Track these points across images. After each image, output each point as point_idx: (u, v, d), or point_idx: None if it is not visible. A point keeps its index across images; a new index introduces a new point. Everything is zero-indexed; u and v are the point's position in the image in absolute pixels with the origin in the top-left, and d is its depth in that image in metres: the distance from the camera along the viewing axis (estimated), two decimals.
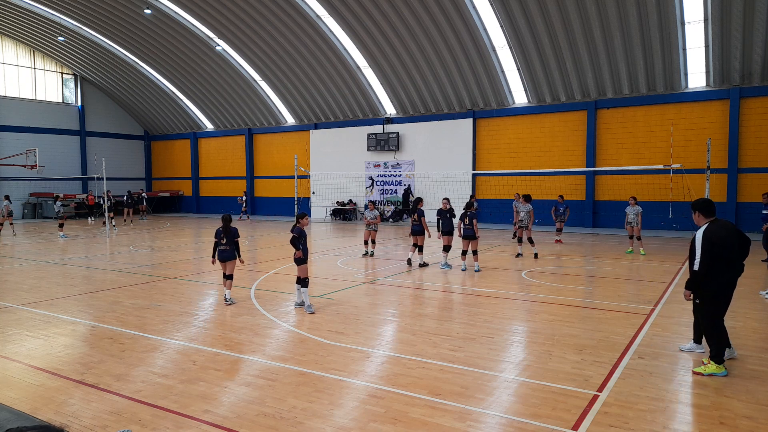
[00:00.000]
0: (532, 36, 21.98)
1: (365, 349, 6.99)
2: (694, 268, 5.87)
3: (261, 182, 34.57)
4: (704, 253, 5.80)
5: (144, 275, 12.60)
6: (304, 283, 8.99)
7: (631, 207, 15.55)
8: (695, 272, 5.86)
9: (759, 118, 20.49)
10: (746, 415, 4.98)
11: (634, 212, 15.46)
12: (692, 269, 6.03)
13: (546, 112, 24.63)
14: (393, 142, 28.29)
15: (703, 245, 5.83)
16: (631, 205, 15.58)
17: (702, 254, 5.82)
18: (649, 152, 22.40)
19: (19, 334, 7.78)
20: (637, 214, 15.42)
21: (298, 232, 9.01)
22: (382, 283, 11.56)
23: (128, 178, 38.98)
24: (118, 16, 28.17)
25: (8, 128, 32.28)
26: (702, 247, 5.83)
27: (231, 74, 31.00)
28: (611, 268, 13.36)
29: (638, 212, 15.45)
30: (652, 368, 6.17)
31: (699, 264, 5.83)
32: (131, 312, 9.04)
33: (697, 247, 5.88)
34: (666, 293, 10.24)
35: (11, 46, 32.82)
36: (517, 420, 4.89)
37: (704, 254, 5.80)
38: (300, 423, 4.86)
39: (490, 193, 25.71)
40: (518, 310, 9.17)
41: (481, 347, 7.00)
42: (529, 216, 15.13)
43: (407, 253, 15.76)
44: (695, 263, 5.86)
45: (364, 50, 25.74)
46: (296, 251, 8.98)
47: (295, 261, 9.08)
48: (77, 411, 5.14)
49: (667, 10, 19.38)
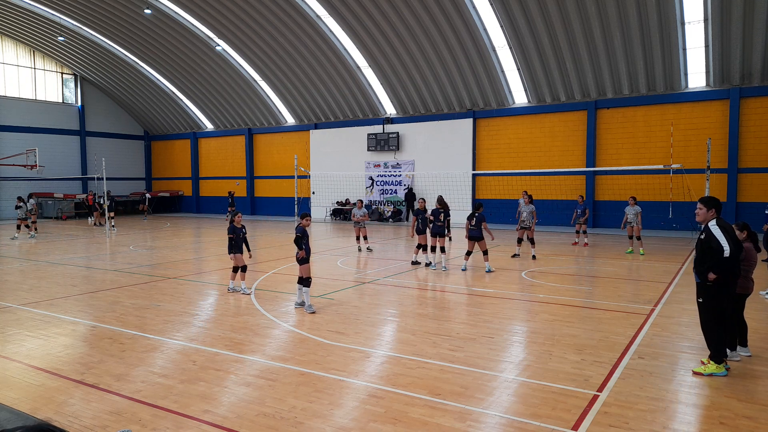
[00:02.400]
0: (532, 36, 21.98)
1: (365, 349, 6.99)
2: (725, 255, 5.83)
3: (261, 182, 34.57)
4: (727, 238, 5.84)
5: (144, 275, 12.60)
6: (306, 283, 8.95)
7: (631, 207, 15.54)
8: (726, 258, 5.84)
9: (759, 118, 20.49)
10: (746, 415, 4.98)
11: (633, 212, 15.46)
12: (703, 265, 6.01)
13: (546, 112, 24.63)
14: (393, 142, 28.29)
15: (724, 232, 5.87)
16: (631, 205, 15.57)
17: (726, 240, 5.84)
18: (649, 152, 22.40)
19: (19, 334, 7.78)
20: (637, 214, 15.42)
21: (301, 231, 9.00)
22: (382, 283, 11.56)
23: (128, 178, 39.00)
24: (118, 16, 28.17)
25: (8, 128, 32.29)
26: (723, 234, 5.86)
27: (231, 74, 31.00)
28: (611, 268, 13.36)
29: (637, 212, 15.45)
30: (652, 368, 6.17)
31: (727, 249, 5.82)
32: (131, 312, 9.04)
33: (718, 235, 5.89)
34: (666, 293, 10.24)
35: (11, 46, 32.83)
36: (517, 420, 4.89)
37: (728, 239, 5.83)
38: (300, 423, 4.86)
39: (490, 193, 25.71)
40: (518, 310, 9.17)
41: (481, 347, 7.00)
42: (531, 216, 15.12)
43: (407, 253, 15.78)
44: (724, 250, 5.83)
45: (364, 50, 25.74)
46: (299, 251, 8.98)
47: (298, 260, 9.07)
48: (77, 411, 5.14)
49: (667, 10, 19.39)
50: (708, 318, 6.04)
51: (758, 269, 11.00)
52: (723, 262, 5.86)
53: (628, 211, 15.61)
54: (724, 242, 5.85)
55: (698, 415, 5.08)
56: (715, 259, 5.87)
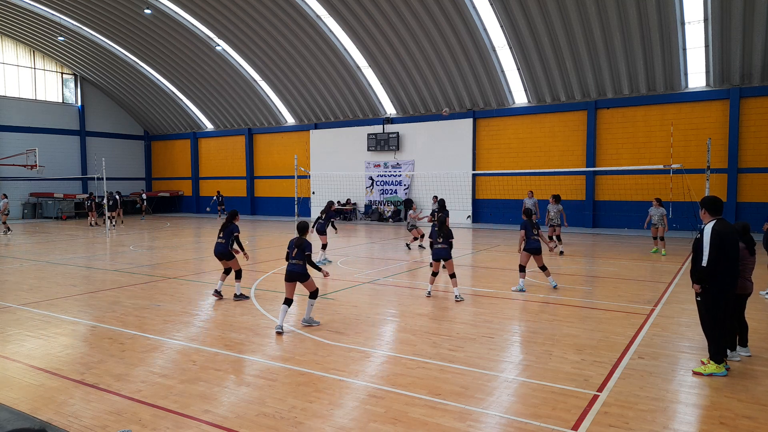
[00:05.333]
0: (532, 36, 21.98)
1: (365, 349, 6.99)
2: (702, 264, 5.87)
3: (261, 182, 34.57)
4: (712, 248, 5.83)
5: (144, 275, 12.60)
6: (314, 296, 8.09)
7: (655, 208, 15.67)
8: (703, 268, 5.87)
9: (759, 118, 20.49)
10: (746, 415, 4.98)
11: (658, 214, 15.59)
12: (697, 265, 6.03)
13: (546, 112, 24.63)
14: (393, 142, 28.29)
15: (712, 241, 5.85)
16: (655, 206, 15.71)
17: (710, 250, 5.84)
18: (649, 152, 22.40)
19: (19, 334, 7.78)
20: (662, 216, 15.57)
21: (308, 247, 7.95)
22: (382, 283, 11.56)
23: (128, 178, 39.00)
24: (118, 16, 28.17)
25: (8, 128, 32.28)
26: (711, 243, 5.85)
27: (231, 74, 31.00)
28: (611, 268, 13.36)
29: (662, 214, 15.60)
30: (652, 368, 6.17)
31: (707, 259, 5.84)
32: (131, 312, 9.04)
33: (705, 242, 5.89)
34: (666, 293, 10.24)
35: (11, 46, 32.83)
36: (517, 420, 4.89)
37: (712, 249, 5.83)
38: (300, 423, 4.86)
39: (490, 193, 25.72)
40: (518, 310, 9.17)
41: (481, 347, 7.00)
42: (559, 214, 15.51)
43: (407, 253, 15.78)
44: (703, 259, 5.87)
45: (364, 50, 25.74)
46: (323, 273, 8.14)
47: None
48: (77, 411, 5.14)
49: (667, 10, 19.38)
50: (707, 318, 6.04)
51: (758, 269, 11.01)
52: (700, 270, 5.90)
53: (652, 212, 15.69)
54: (706, 251, 5.86)
55: (698, 415, 5.08)
56: (696, 266, 5.94)
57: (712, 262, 5.83)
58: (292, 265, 7.82)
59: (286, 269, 7.89)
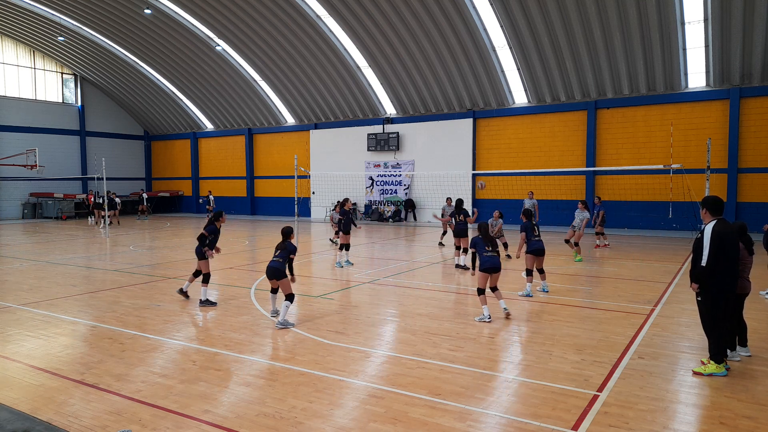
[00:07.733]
0: (532, 36, 21.98)
1: (365, 349, 6.99)
2: (702, 263, 5.88)
3: (261, 182, 34.58)
4: (712, 248, 5.83)
5: (144, 275, 12.59)
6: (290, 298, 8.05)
7: (580, 211, 15.00)
8: (702, 268, 5.88)
9: (759, 118, 20.50)
10: (746, 415, 4.98)
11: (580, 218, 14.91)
12: (697, 265, 6.04)
13: (546, 112, 24.63)
14: (393, 142, 28.29)
15: (712, 241, 5.85)
16: (580, 209, 15.04)
17: (710, 250, 5.84)
18: (649, 152, 22.40)
19: (19, 334, 7.78)
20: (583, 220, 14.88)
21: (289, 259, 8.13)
22: (382, 283, 11.56)
23: (128, 178, 39.00)
24: (118, 16, 28.18)
25: (8, 128, 32.30)
26: (711, 243, 5.85)
27: (231, 74, 31.00)
28: (611, 268, 13.36)
29: (584, 218, 14.90)
30: (652, 368, 6.17)
31: (706, 259, 5.85)
32: (131, 312, 9.03)
33: (705, 242, 5.89)
34: (666, 293, 10.24)
35: (11, 46, 32.83)
36: (517, 420, 4.89)
37: (712, 250, 5.83)
38: (300, 423, 4.86)
39: (490, 193, 25.71)
40: (518, 310, 9.17)
41: (481, 347, 7.00)
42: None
43: (407, 253, 15.77)
44: (702, 259, 5.87)
45: (364, 50, 25.74)
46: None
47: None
48: (77, 411, 5.14)
49: (667, 10, 19.39)
50: (707, 318, 6.04)
51: (758, 269, 10.97)
52: (699, 270, 5.90)
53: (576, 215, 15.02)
54: (706, 251, 5.87)
55: (698, 415, 5.08)
56: (696, 266, 5.94)
57: (711, 262, 5.83)
58: (272, 261, 8.26)
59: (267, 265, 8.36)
